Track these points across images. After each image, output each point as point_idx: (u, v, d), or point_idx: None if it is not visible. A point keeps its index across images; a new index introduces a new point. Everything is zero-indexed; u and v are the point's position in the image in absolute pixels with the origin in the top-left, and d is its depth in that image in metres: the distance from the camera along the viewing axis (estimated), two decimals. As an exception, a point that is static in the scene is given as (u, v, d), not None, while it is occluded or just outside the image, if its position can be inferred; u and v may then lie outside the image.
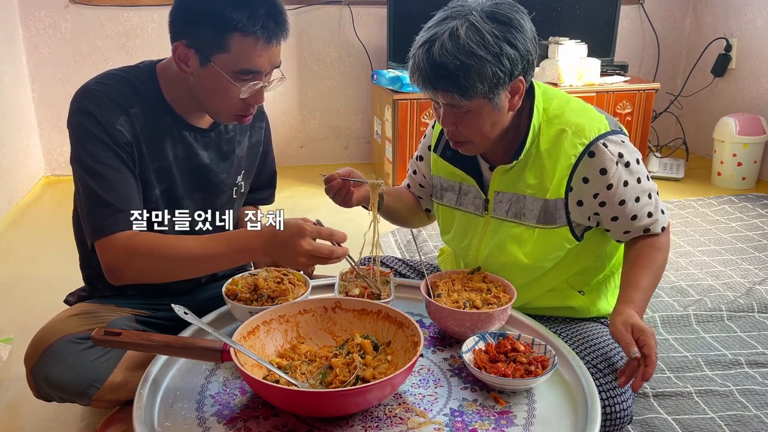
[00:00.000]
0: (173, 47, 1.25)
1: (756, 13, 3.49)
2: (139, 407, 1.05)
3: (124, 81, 1.30)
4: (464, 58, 1.18)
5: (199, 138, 1.37)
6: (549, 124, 1.32)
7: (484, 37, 1.18)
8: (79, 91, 1.27)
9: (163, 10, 3.32)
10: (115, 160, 1.24)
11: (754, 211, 2.94)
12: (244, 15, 1.18)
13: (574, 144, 1.29)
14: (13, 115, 3.09)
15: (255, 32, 1.20)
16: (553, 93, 1.37)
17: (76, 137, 1.26)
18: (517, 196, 1.36)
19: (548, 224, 1.34)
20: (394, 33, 3.25)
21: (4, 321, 2.00)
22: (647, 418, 1.47)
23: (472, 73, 1.19)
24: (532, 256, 1.36)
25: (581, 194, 1.31)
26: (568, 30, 3.39)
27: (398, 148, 3.13)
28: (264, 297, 1.27)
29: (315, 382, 1.10)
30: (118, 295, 1.43)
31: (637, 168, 1.32)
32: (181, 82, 1.30)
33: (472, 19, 1.20)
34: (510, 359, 1.16)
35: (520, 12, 1.24)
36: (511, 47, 1.20)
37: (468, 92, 1.21)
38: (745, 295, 2.07)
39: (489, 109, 1.25)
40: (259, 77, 1.25)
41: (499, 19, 1.20)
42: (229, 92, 1.25)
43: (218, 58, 1.22)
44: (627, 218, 1.33)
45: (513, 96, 1.27)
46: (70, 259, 1.53)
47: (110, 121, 1.24)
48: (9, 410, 1.59)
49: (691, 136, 3.91)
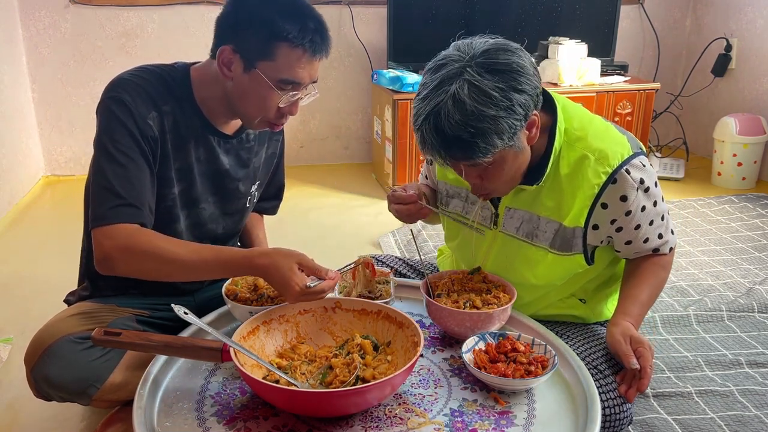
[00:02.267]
0: (219, 50, 1.26)
1: (756, 13, 3.49)
2: (139, 407, 1.05)
3: (159, 77, 1.31)
4: (478, 123, 1.11)
5: (221, 143, 1.39)
6: (570, 147, 1.27)
7: (491, 96, 1.10)
8: (113, 81, 1.29)
9: (163, 10, 3.32)
10: (137, 153, 1.25)
11: (754, 211, 2.93)
12: (295, 27, 1.22)
13: (597, 173, 1.25)
14: (13, 115, 3.09)
15: (303, 45, 1.23)
16: (573, 110, 1.32)
17: (104, 123, 1.26)
18: (531, 216, 1.32)
19: (564, 251, 1.31)
20: (394, 33, 3.24)
21: (4, 321, 2.00)
22: (647, 419, 1.47)
23: (490, 134, 1.12)
24: (543, 278, 1.35)
25: (598, 219, 1.28)
26: (568, 30, 3.39)
27: (398, 148, 3.13)
28: (264, 297, 1.28)
29: (315, 382, 1.10)
30: (120, 294, 1.43)
31: (654, 191, 1.30)
32: (214, 86, 1.32)
33: (469, 78, 1.11)
34: (510, 359, 1.16)
35: (514, 52, 1.15)
36: (519, 93, 1.13)
37: (489, 151, 1.14)
38: (745, 295, 2.07)
39: (512, 155, 1.20)
40: (298, 88, 1.28)
41: (498, 69, 1.12)
42: (268, 99, 1.27)
43: (262, 65, 1.24)
44: (639, 241, 1.33)
45: (530, 130, 1.21)
46: (70, 259, 1.53)
47: (142, 113, 1.25)
48: (9, 410, 1.59)
49: (691, 136, 3.91)
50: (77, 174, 3.47)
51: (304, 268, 1.19)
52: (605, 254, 1.39)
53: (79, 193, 1.40)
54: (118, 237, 1.20)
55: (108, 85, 1.28)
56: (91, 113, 2.91)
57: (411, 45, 3.28)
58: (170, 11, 3.34)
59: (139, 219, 1.23)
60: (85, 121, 3.39)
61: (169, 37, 3.37)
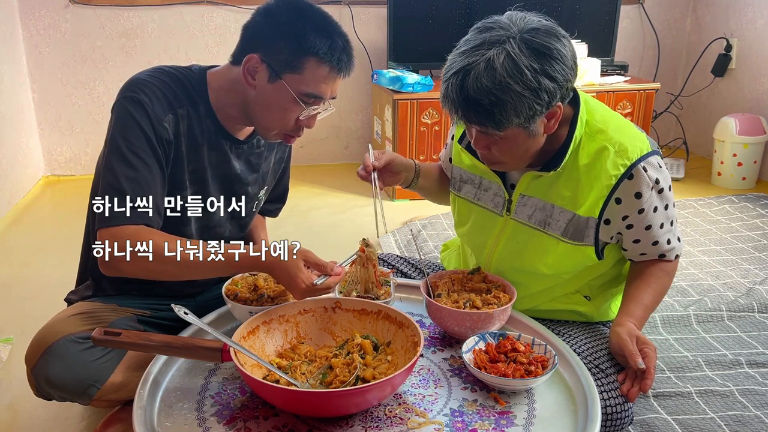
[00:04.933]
0: (246, 58, 1.26)
1: (756, 13, 3.49)
2: (139, 407, 1.05)
3: (177, 80, 1.31)
4: (500, 94, 1.12)
5: (233, 148, 1.40)
6: (591, 138, 1.28)
7: (523, 72, 1.11)
8: (131, 80, 1.29)
9: (163, 10, 3.32)
10: (150, 155, 1.25)
11: (754, 211, 2.93)
12: (325, 44, 1.23)
13: (616, 164, 1.26)
14: (13, 116, 3.09)
15: (330, 62, 1.25)
16: (595, 105, 1.33)
17: (119, 122, 1.26)
18: (545, 204, 1.33)
19: (575, 241, 1.32)
20: (394, 33, 3.24)
21: (4, 321, 2.00)
22: (647, 418, 1.47)
23: (508, 109, 1.13)
24: (553, 267, 1.35)
25: (611, 213, 1.29)
26: (568, 30, 3.30)
27: (398, 148, 3.13)
28: (264, 297, 1.28)
29: (315, 382, 1.10)
30: (122, 294, 1.43)
31: (668, 195, 1.31)
32: (233, 93, 1.32)
33: (509, 49, 1.12)
34: (510, 359, 1.16)
35: (560, 38, 1.17)
36: (550, 80, 1.14)
37: (503, 125, 1.16)
38: (745, 295, 2.07)
39: (524, 136, 1.21)
40: (318, 103, 1.29)
41: (538, 50, 1.13)
42: (289, 111, 1.28)
43: (288, 77, 1.25)
44: (648, 243, 1.34)
45: (549, 120, 1.22)
46: (70, 259, 1.53)
47: (158, 115, 1.25)
48: (9, 410, 1.59)
49: (691, 136, 3.91)
50: (77, 174, 3.46)
51: (309, 264, 1.20)
52: (614, 252, 1.40)
53: (79, 193, 1.40)
54: (122, 238, 1.20)
55: (125, 85, 1.28)
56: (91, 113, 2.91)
57: (411, 45, 3.28)
58: (170, 11, 3.34)
59: (145, 220, 1.22)
60: (85, 122, 3.39)
61: (169, 37, 3.37)
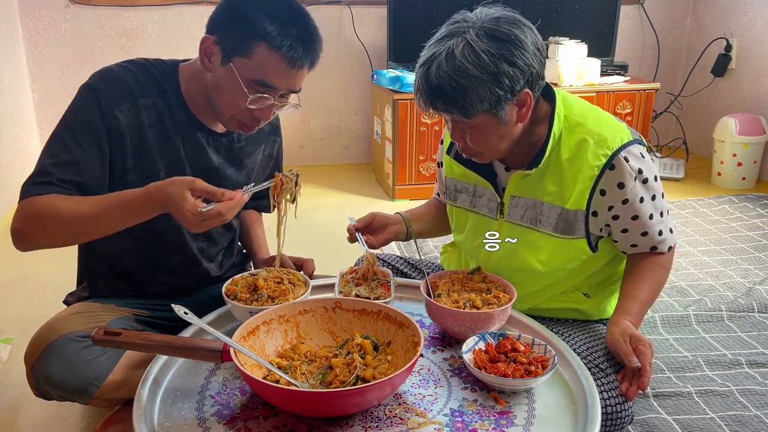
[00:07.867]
0: (202, 39, 1.27)
1: (756, 13, 3.49)
2: (139, 407, 1.05)
3: (145, 70, 1.32)
4: (460, 79, 1.17)
5: (210, 141, 1.39)
6: (570, 132, 1.31)
7: (480, 57, 1.17)
8: (99, 69, 1.30)
9: (163, 10, 3.32)
10: (90, 142, 1.25)
11: (754, 211, 2.94)
12: (275, 29, 1.21)
13: (597, 155, 1.28)
14: (13, 116, 3.09)
15: (280, 50, 1.22)
16: (573, 100, 1.36)
17: (70, 105, 1.28)
18: (534, 202, 1.35)
19: (566, 234, 1.33)
20: (394, 33, 3.24)
21: (4, 321, 2.00)
22: (647, 418, 1.47)
23: (470, 93, 1.18)
24: (547, 264, 1.36)
25: (597, 205, 1.31)
26: (568, 30, 3.39)
27: (398, 148, 3.13)
28: (264, 297, 1.27)
29: (315, 382, 1.10)
30: (118, 295, 1.43)
31: (654, 185, 1.32)
32: (199, 82, 1.32)
33: (468, 38, 1.18)
34: (510, 359, 1.16)
35: (521, 26, 1.22)
36: (509, 65, 1.18)
37: (468, 111, 1.21)
38: (745, 295, 2.07)
39: (494, 123, 1.24)
40: (271, 93, 1.27)
41: (497, 36, 1.18)
42: (237, 97, 1.26)
43: (238, 62, 1.24)
44: (637, 233, 1.34)
45: (521, 108, 1.25)
46: (70, 259, 1.53)
47: (110, 104, 1.25)
48: (9, 410, 1.59)
49: (691, 136, 3.91)
50: (77, 174, 3.47)
51: (198, 193, 1.15)
52: (609, 246, 1.40)
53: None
54: (27, 209, 1.20)
55: (93, 73, 1.30)
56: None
57: (411, 45, 3.24)
58: (170, 11, 3.34)
59: (57, 191, 1.20)
60: (85, 121, 3.39)
61: (169, 37, 3.37)
